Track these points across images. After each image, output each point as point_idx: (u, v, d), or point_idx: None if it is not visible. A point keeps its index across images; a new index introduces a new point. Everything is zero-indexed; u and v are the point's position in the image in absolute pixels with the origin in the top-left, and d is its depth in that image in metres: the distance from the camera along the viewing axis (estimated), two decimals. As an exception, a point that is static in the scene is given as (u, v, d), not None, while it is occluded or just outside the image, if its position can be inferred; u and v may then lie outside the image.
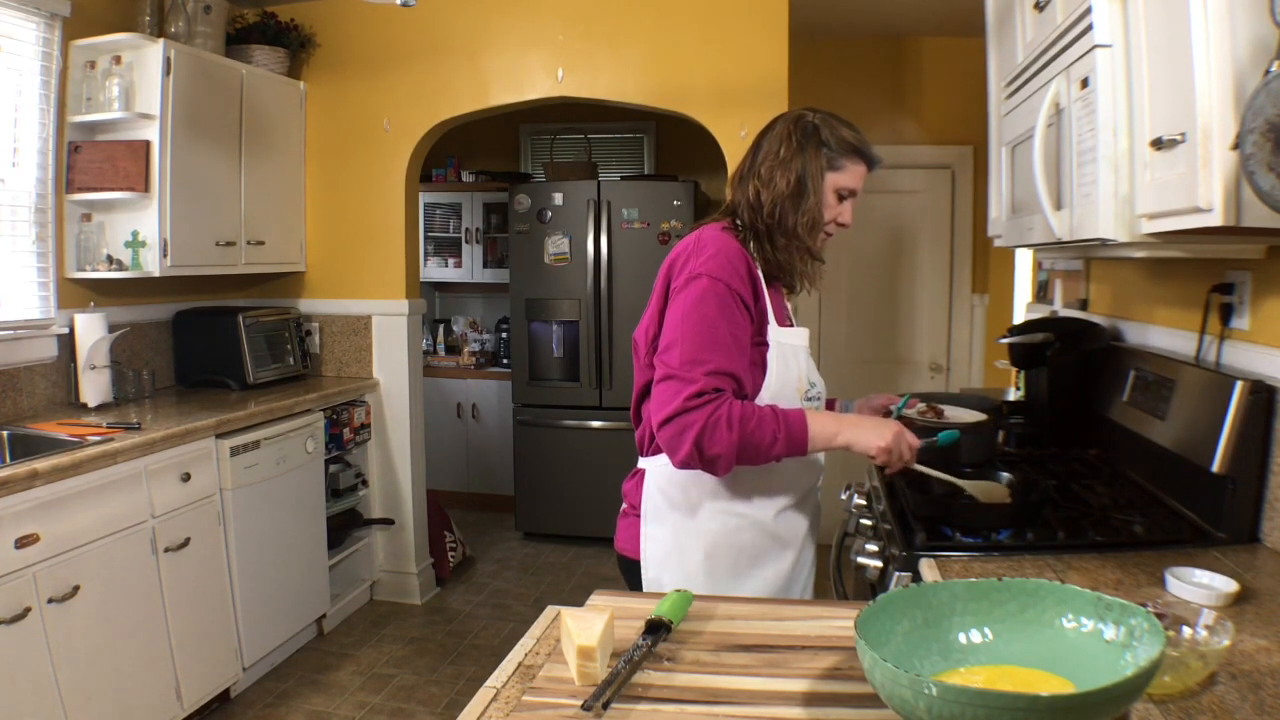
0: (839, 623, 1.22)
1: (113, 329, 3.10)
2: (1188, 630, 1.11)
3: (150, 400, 3.25)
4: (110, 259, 3.15)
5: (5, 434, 2.67)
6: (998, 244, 2.43)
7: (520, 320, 4.80)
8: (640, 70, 3.55)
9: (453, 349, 5.78)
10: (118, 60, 3.08)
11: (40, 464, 2.25)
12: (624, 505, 1.76)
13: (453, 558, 4.28)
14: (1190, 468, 1.67)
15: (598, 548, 4.68)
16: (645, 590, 1.67)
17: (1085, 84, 1.59)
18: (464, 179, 5.58)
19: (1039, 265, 3.37)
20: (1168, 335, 2.10)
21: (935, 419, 1.79)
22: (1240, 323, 1.76)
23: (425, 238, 5.60)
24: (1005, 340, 2.46)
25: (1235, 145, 1.16)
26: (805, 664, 1.09)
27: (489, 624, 3.77)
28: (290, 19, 3.80)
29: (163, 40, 3.11)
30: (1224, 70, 1.22)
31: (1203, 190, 1.24)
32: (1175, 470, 1.76)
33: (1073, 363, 2.32)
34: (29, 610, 2.18)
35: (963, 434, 1.76)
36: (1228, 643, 1.05)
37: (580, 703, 0.98)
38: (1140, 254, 1.70)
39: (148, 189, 3.10)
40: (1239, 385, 1.57)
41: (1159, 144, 1.36)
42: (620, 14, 3.56)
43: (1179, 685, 1.01)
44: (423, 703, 3.08)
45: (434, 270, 5.69)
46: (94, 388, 3.02)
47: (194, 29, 3.41)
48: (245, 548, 3.03)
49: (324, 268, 3.98)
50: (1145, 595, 1.30)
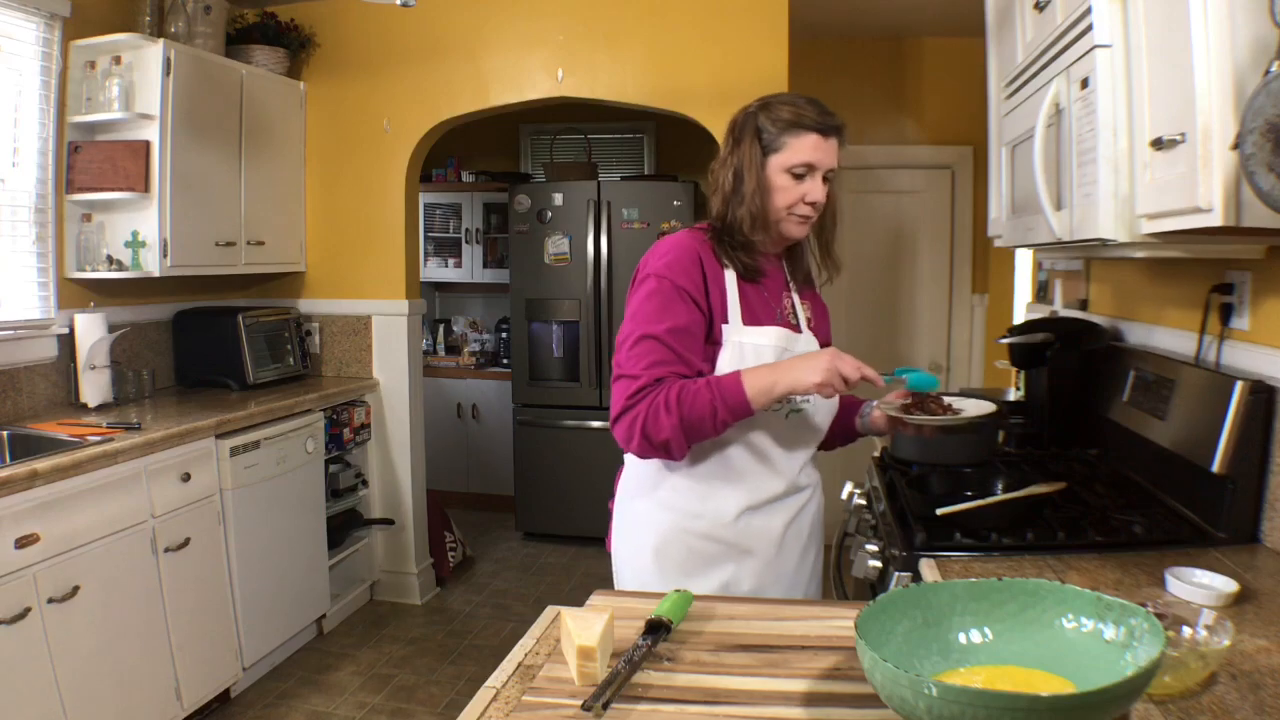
0: (839, 623, 1.22)
1: (113, 329, 3.10)
2: (1188, 630, 1.11)
3: (150, 400, 3.25)
4: (110, 259, 3.15)
5: (5, 434, 2.67)
6: (998, 244, 2.43)
7: (520, 320, 4.80)
8: (640, 70, 3.55)
9: (453, 349, 5.78)
10: (118, 60, 3.08)
11: (40, 464, 2.25)
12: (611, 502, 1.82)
13: (453, 558, 4.28)
14: (1190, 468, 1.67)
15: (597, 548, 4.67)
16: (616, 585, 1.71)
17: (1085, 84, 1.59)
18: (464, 179, 5.58)
19: (1039, 265, 3.37)
20: (1168, 335, 2.10)
21: (940, 412, 1.64)
22: (1240, 323, 1.76)
23: (425, 238, 5.60)
24: (1005, 340, 2.46)
25: (1235, 145, 1.16)
26: (805, 664, 1.09)
27: (489, 624, 3.77)
28: (290, 19, 3.80)
29: (163, 40, 3.11)
30: (1224, 70, 1.22)
31: (1203, 190, 1.24)
32: (1175, 470, 1.76)
33: (1073, 363, 2.32)
34: (29, 610, 2.18)
35: (968, 429, 1.71)
36: (1228, 643, 1.05)
37: (580, 703, 0.98)
38: (1140, 254, 1.70)
39: (148, 189, 3.10)
40: (1239, 385, 1.57)
41: (1159, 144, 1.36)
42: (620, 14, 3.56)
43: (1179, 685, 1.01)
44: (423, 703, 3.08)
45: (434, 270, 5.69)
46: (94, 388, 3.02)
47: (194, 29, 3.41)
48: (245, 548, 3.03)
49: (324, 268, 3.98)
50: (1145, 595, 1.30)
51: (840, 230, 1.73)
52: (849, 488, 2.17)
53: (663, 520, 1.65)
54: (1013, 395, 2.81)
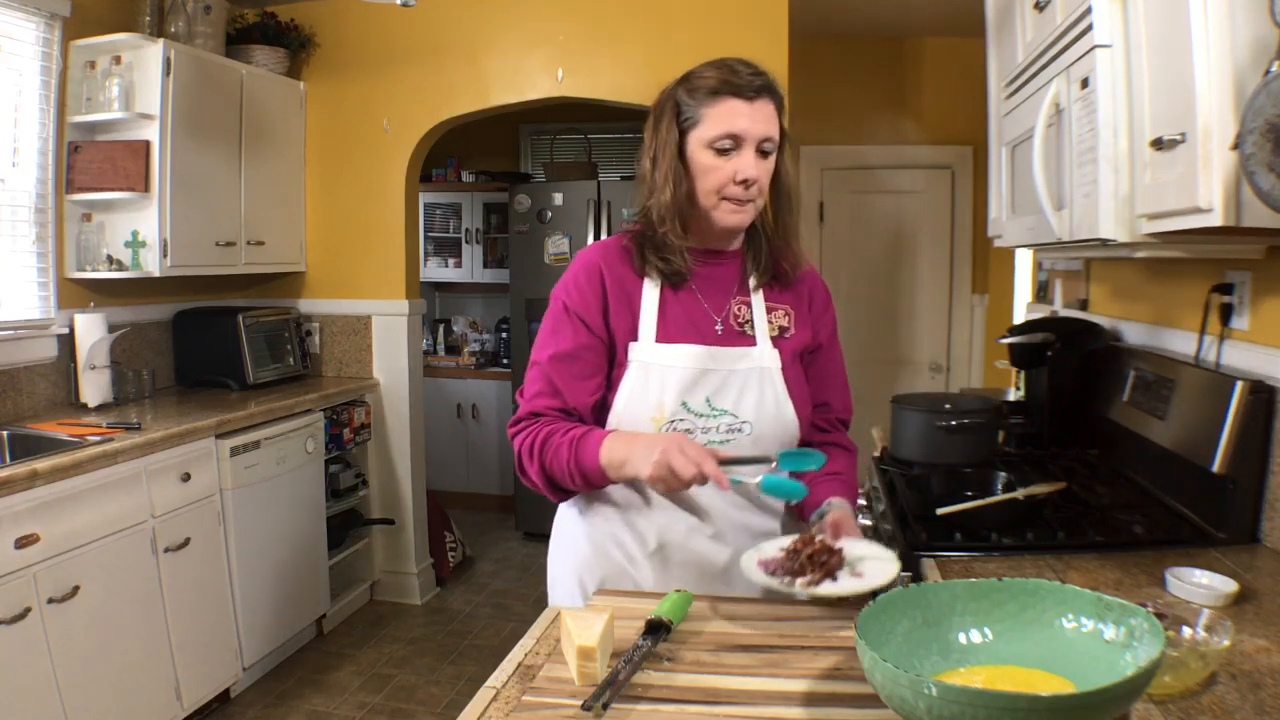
0: (839, 623, 1.22)
1: (113, 329, 3.10)
2: (1188, 630, 1.11)
3: (150, 400, 3.25)
4: (110, 259, 3.15)
5: (5, 434, 2.67)
6: (998, 244, 2.43)
7: (520, 320, 4.80)
8: (640, 70, 3.55)
9: (453, 349, 5.78)
10: (118, 60, 3.08)
11: (40, 464, 2.25)
12: None
13: (453, 558, 4.28)
14: (1190, 468, 1.67)
15: (598, 548, 4.67)
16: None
17: (1085, 84, 1.59)
18: (464, 179, 5.58)
19: (1039, 265, 3.37)
20: (1168, 335, 2.10)
21: (830, 562, 1.20)
22: (1240, 323, 1.76)
23: (425, 238, 5.60)
24: (1005, 340, 2.46)
25: (1235, 145, 1.16)
26: (805, 664, 1.09)
27: (489, 624, 3.77)
28: (290, 19, 3.80)
29: (163, 40, 3.11)
30: (1224, 70, 1.22)
31: (1203, 190, 1.24)
32: (1175, 470, 1.76)
33: (1073, 363, 2.32)
34: (29, 610, 2.18)
35: (970, 424, 1.62)
36: (1228, 643, 1.05)
37: (580, 703, 0.98)
38: (1140, 254, 1.70)
39: (148, 189, 3.10)
40: (1239, 385, 1.57)
41: (1159, 144, 1.36)
42: (620, 14, 3.56)
43: (1179, 685, 1.01)
44: (423, 703, 3.08)
45: (434, 270, 5.69)
46: (94, 388, 3.02)
47: (194, 29, 3.41)
48: (245, 548, 3.03)
49: (324, 268, 3.97)
50: (1145, 595, 1.30)
51: (798, 216, 1.47)
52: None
53: (582, 549, 1.50)
54: (1013, 395, 2.81)
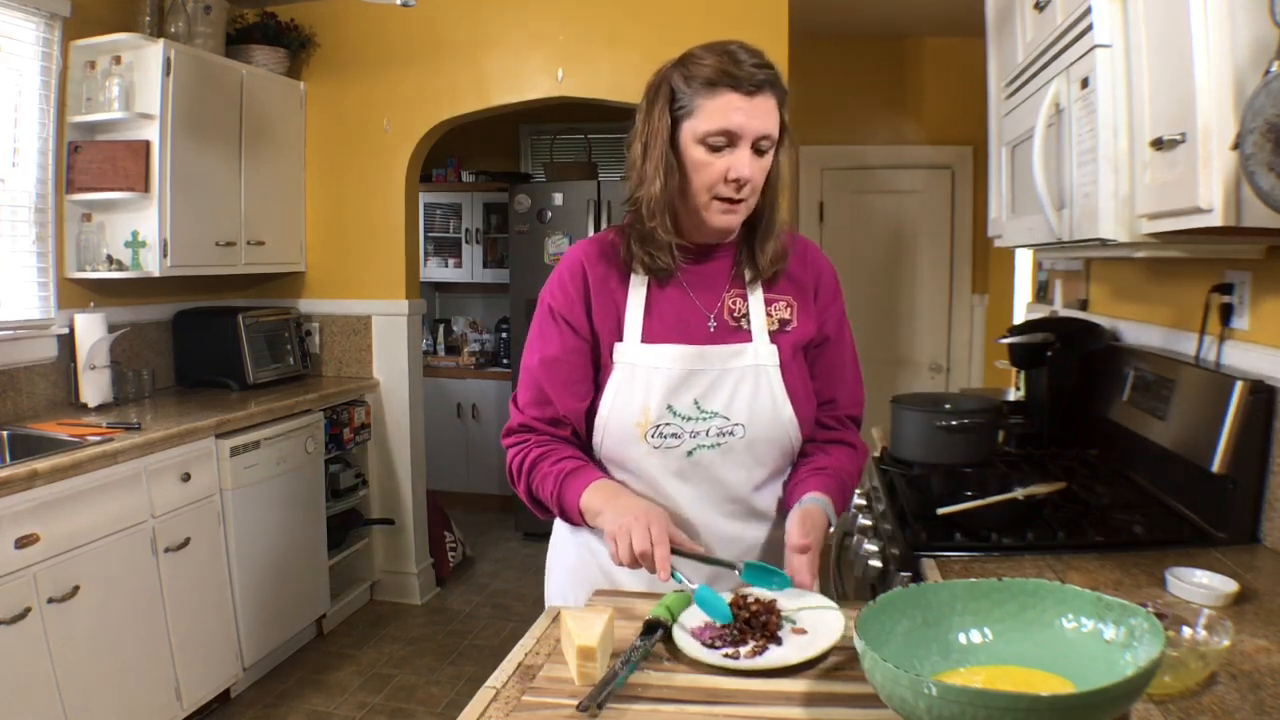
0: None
1: (113, 329, 3.09)
2: (1188, 630, 1.11)
3: (150, 400, 3.25)
4: (110, 259, 3.15)
5: (5, 434, 2.67)
6: (998, 244, 2.43)
7: (520, 320, 4.80)
8: (640, 70, 3.50)
9: (453, 349, 5.78)
10: (118, 60, 3.08)
11: (40, 464, 2.25)
12: None
13: (453, 558, 4.28)
14: (1190, 468, 1.67)
15: (598, 548, 4.67)
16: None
17: (1085, 84, 1.59)
18: (464, 179, 5.58)
19: (1039, 265, 3.37)
20: (1168, 335, 2.10)
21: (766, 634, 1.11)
22: (1240, 323, 1.76)
23: (425, 238, 5.60)
24: (1005, 340, 2.46)
25: (1235, 145, 1.16)
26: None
27: (489, 624, 3.77)
28: (290, 19, 3.80)
29: (163, 40, 3.11)
30: (1224, 70, 1.22)
31: (1203, 190, 1.24)
32: (1175, 470, 1.76)
33: (1073, 363, 2.32)
34: (29, 610, 2.18)
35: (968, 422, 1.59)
36: (1228, 643, 1.05)
37: (577, 703, 0.98)
38: (1140, 254, 1.70)
39: (148, 189, 3.10)
40: (1239, 385, 1.57)
41: (1159, 144, 1.36)
42: (620, 14, 3.56)
43: (1179, 685, 1.01)
44: (423, 703, 3.08)
45: (434, 270, 5.69)
46: (94, 388, 3.02)
47: (194, 29, 3.41)
48: (245, 548, 3.02)
49: (324, 268, 3.97)
50: (1145, 595, 1.30)
51: (780, 216, 1.38)
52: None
53: (568, 559, 1.49)
54: (1013, 395, 2.81)
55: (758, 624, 1.11)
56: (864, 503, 2.12)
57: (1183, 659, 1.01)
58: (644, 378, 1.34)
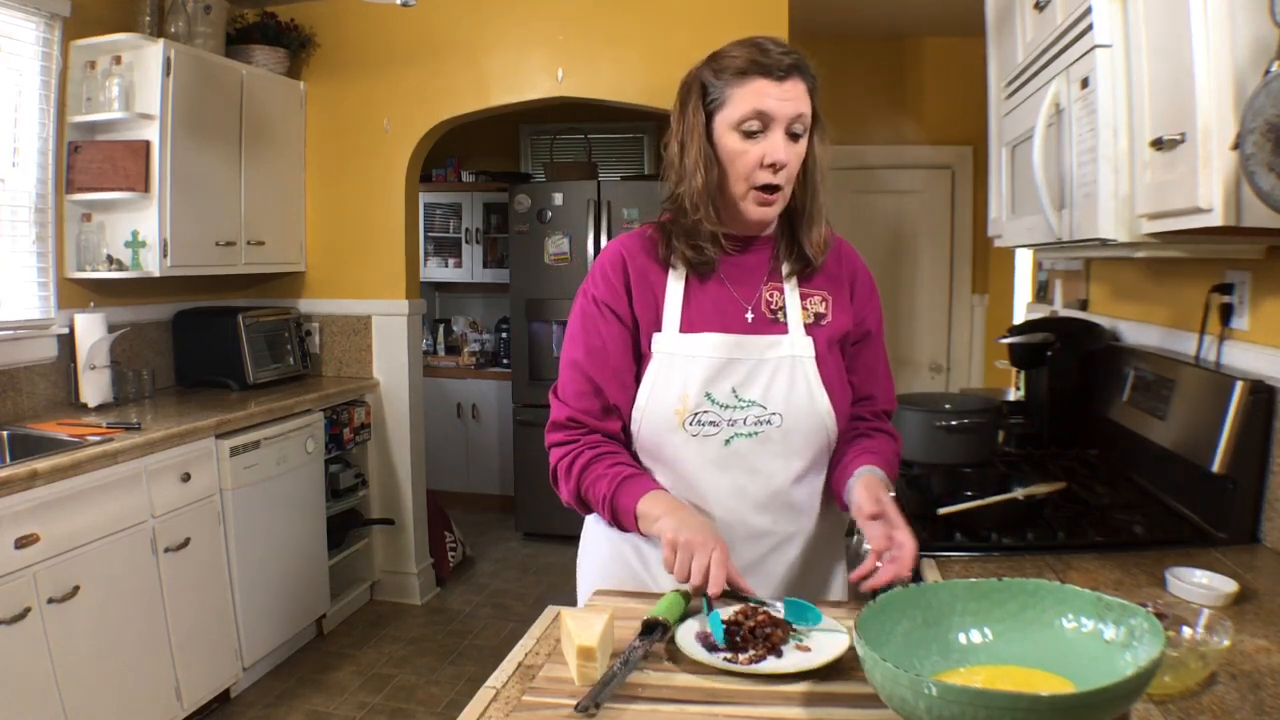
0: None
1: (113, 329, 3.09)
2: (1188, 630, 1.11)
3: (150, 400, 3.25)
4: (110, 259, 3.15)
5: (5, 434, 2.67)
6: (998, 244, 2.43)
7: (520, 320, 4.80)
8: (640, 70, 3.55)
9: (453, 349, 5.78)
10: (118, 60, 3.08)
11: (40, 464, 2.25)
12: None
13: (453, 558, 4.28)
14: (1190, 468, 1.67)
15: (598, 548, 4.67)
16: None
17: (1085, 84, 1.59)
18: (464, 179, 5.58)
19: (1039, 265, 3.37)
20: (1168, 335, 2.10)
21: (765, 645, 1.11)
22: (1240, 323, 1.76)
23: (425, 238, 5.60)
24: (1005, 340, 2.47)
25: (1235, 145, 1.16)
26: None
27: (489, 624, 3.77)
28: (290, 19, 3.80)
29: (163, 40, 3.11)
30: (1224, 70, 1.22)
31: (1203, 190, 1.24)
32: (1175, 470, 1.76)
33: (1073, 363, 2.32)
34: (29, 610, 2.18)
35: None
36: (1227, 643, 1.05)
37: (575, 703, 0.98)
38: (1140, 254, 1.70)
39: (148, 189, 3.10)
40: (1239, 385, 1.57)
41: (1159, 144, 1.36)
42: (620, 14, 3.56)
43: (1179, 685, 1.01)
44: (423, 703, 3.08)
45: (434, 270, 5.69)
46: (94, 388, 3.02)
47: (194, 29, 3.41)
48: (245, 548, 3.02)
49: (324, 268, 3.97)
50: (1145, 595, 1.30)
51: (824, 204, 1.39)
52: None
53: (601, 552, 1.52)
54: (1013, 395, 2.82)
55: (761, 635, 1.11)
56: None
57: (1183, 659, 1.01)
58: (682, 366, 1.36)
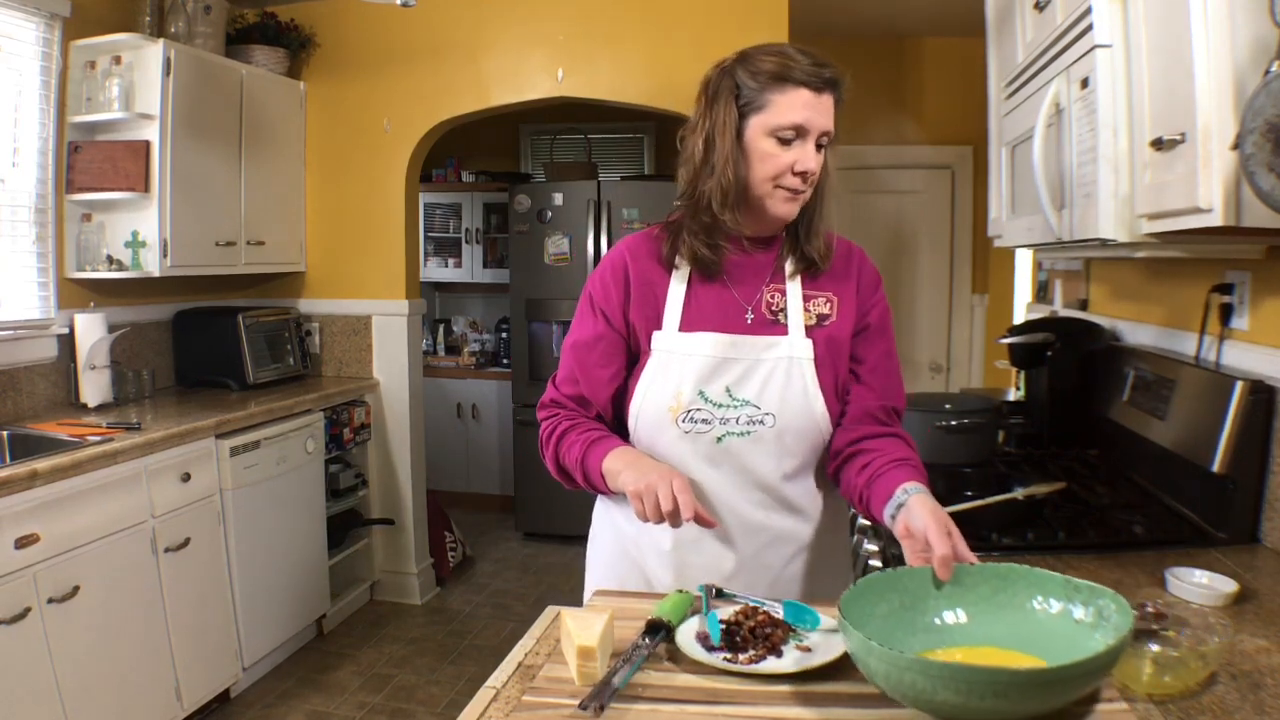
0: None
1: (113, 329, 3.09)
2: (1188, 630, 1.11)
3: (150, 400, 3.25)
4: (110, 259, 3.15)
5: (5, 434, 2.67)
6: (998, 244, 2.43)
7: (520, 320, 4.80)
8: (640, 70, 3.55)
9: (453, 349, 5.78)
10: (118, 60, 3.08)
11: (40, 464, 2.25)
12: None
13: (453, 558, 4.28)
14: (1190, 468, 1.67)
15: (598, 548, 4.67)
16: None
17: (1085, 84, 1.59)
18: (464, 179, 5.58)
19: (1039, 265, 3.37)
20: (1168, 335, 2.10)
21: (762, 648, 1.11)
22: (1240, 323, 1.76)
23: (425, 238, 5.60)
24: (1005, 340, 2.47)
25: (1235, 145, 1.16)
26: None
27: (489, 624, 3.77)
28: (290, 19, 3.80)
29: (163, 40, 3.11)
30: (1224, 70, 1.22)
31: (1203, 190, 1.24)
32: (1175, 470, 1.76)
33: (1073, 363, 2.32)
34: (29, 610, 2.18)
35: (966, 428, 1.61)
36: (1228, 643, 1.05)
37: (578, 702, 0.98)
38: (1140, 254, 1.70)
39: (148, 189, 3.10)
40: (1239, 385, 1.57)
41: (1159, 144, 1.36)
42: (620, 14, 3.56)
43: (1179, 685, 1.01)
44: (423, 703, 3.08)
45: (434, 270, 5.69)
46: (94, 388, 3.02)
47: (194, 29, 3.41)
48: (245, 548, 3.02)
49: (324, 268, 3.97)
50: (1145, 595, 1.30)
51: (829, 211, 1.43)
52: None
53: (607, 550, 1.55)
54: (1013, 395, 2.82)
55: (761, 635, 1.12)
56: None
57: (1183, 659, 1.01)
58: (678, 364, 1.39)
